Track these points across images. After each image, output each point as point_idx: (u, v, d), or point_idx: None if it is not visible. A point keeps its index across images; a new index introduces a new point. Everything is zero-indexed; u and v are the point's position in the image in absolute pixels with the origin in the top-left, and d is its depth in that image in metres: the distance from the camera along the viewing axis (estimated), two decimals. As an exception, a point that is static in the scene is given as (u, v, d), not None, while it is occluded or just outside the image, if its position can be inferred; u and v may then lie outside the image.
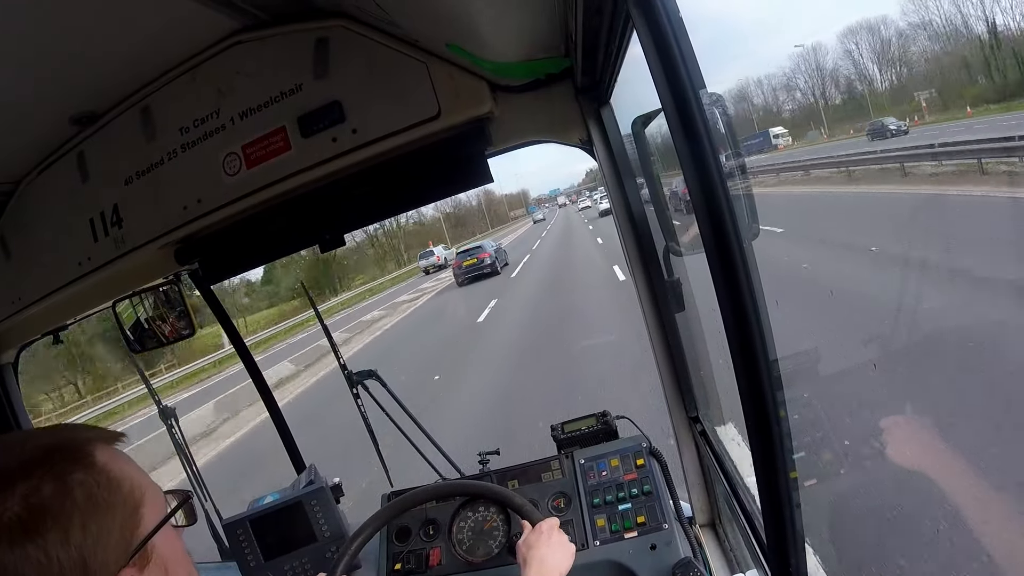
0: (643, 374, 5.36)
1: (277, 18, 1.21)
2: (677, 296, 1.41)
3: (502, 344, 9.92)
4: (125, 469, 0.61)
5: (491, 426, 5.86)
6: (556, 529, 1.14)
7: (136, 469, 0.63)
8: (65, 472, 0.56)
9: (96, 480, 0.57)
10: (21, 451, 0.57)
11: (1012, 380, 2.80)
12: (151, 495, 0.63)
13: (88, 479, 0.57)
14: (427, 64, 1.19)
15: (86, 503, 0.56)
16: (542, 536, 1.11)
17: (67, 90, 1.20)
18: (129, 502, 0.59)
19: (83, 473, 0.57)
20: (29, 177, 1.46)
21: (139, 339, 1.76)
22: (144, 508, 0.61)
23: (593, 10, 0.91)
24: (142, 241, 1.37)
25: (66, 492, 0.55)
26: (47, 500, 0.54)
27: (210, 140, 1.29)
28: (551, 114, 1.34)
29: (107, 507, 0.57)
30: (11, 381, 1.84)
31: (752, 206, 0.90)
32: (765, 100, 63.70)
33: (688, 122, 0.59)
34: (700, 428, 1.45)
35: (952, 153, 10.30)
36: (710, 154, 0.59)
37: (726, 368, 0.68)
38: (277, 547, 1.52)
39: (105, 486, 0.58)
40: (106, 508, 0.57)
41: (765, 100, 63.70)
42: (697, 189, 0.60)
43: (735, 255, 0.59)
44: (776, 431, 0.64)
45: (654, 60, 0.61)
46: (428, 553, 1.41)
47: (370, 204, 1.38)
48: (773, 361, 0.62)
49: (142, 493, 0.61)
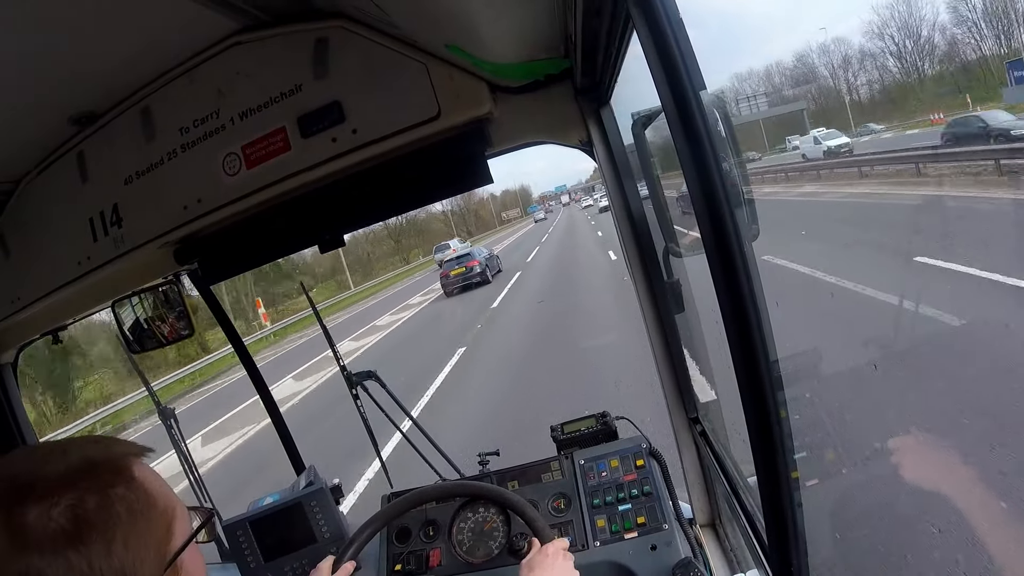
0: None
1: (277, 18, 1.21)
2: (677, 297, 1.41)
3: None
4: (159, 486, 0.63)
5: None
6: (562, 553, 1.11)
7: (166, 485, 0.65)
8: (108, 485, 0.58)
9: (136, 495, 0.59)
10: (64, 462, 0.58)
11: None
12: (180, 512, 0.65)
13: (129, 495, 0.59)
14: (427, 65, 1.19)
15: (127, 517, 0.58)
16: (546, 559, 1.08)
17: (67, 90, 1.20)
18: (164, 518, 0.62)
19: (124, 488, 0.59)
20: (29, 177, 1.46)
21: (138, 339, 1.76)
22: (175, 524, 0.63)
23: (593, 11, 0.91)
24: (142, 241, 1.37)
25: (109, 505, 0.57)
26: (91, 512, 0.56)
27: (210, 140, 1.29)
28: (551, 115, 1.34)
29: (145, 522, 0.59)
30: (10, 381, 1.84)
31: (752, 207, 0.90)
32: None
33: (688, 123, 0.59)
34: (700, 428, 1.45)
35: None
36: (710, 155, 0.59)
37: (726, 369, 0.68)
38: (277, 548, 1.52)
39: (144, 501, 0.60)
40: (145, 523, 0.59)
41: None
42: (697, 190, 0.60)
43: (735, 256, 0.59)
44: (777, 431, 0.64)
45: (654, 61, 0.61)
46: (428, 554, 1.41)
47: (370, 205, 1.38)
48: (774, 362, 0.62)
49: (174, 509, 0.64)
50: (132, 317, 1.74)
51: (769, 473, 0.68)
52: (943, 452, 1.07)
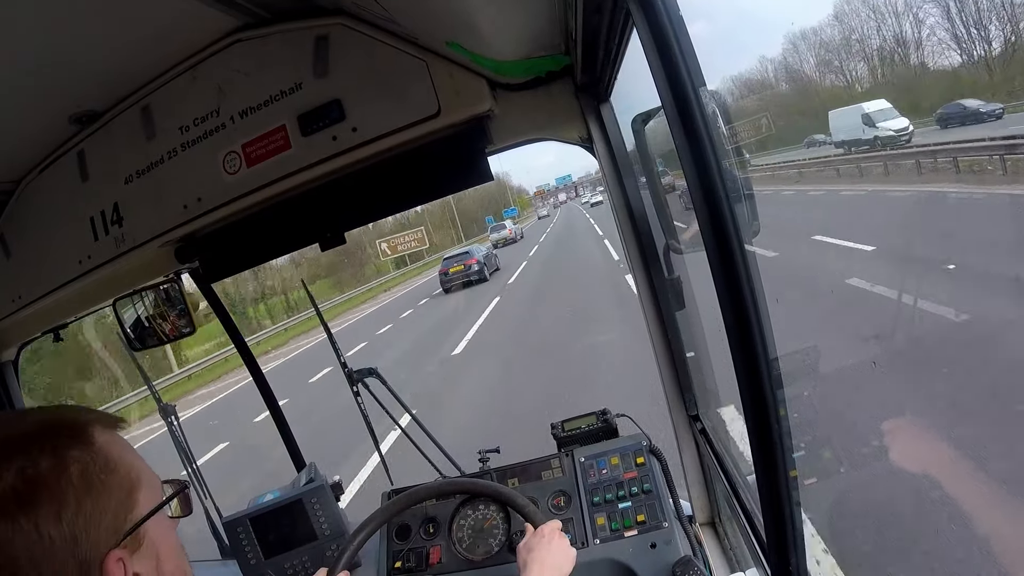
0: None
1: (277, 16, 1.21)
2: (677, 294, 1.41)
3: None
4: (123, 453, 0.61)
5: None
6: (558, 532, 1.13)
7: (134, 455, 0.63)
8: (63, 448, 0.56)
9: (93, 459, 0.58)
10: (21, 425, 0.58)
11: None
12: (147, 481, 0.63)
13: (85, 457, 0.57)
14: (427, 62, 1.19)
15: (81, 481, 0.56)
16: (543, 539, 1.10)
17: (67, 89, 1.20)
18: (124, 485, 0.60)
19: (80, 451, 0.57)
20: (30, 176, 1.46)
21: (139, 337, 1.76)
22: (139, 493, 0.61)
23: (593, 8, 0.91)
24: (142, 240, 1.37)
25: (62, 468, 0.55)
26: (43, 474, 0.54)
27: (210, 139, 1.29)
28: (551, 112, 1.34)
29: (102, 487, 0.57)
30: (11, 378, 1.84)
31: (752, 204, 0.90)
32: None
33: (688, 120, 0.59)
34: (700, 426, 1.45)
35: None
36: (710, 152, 0.59)
37: (727, 366, 0.68)
38: (277, 545, 1.52)
39: (102, 467, 0.58)
40: (101, 488, 0.57)
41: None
42: (697, 187, 0.60)
43: (735, 253, 0.59)
44: (776, 429, 0.64)
45: (654, 58, 0.61)
46: (428, 551, 1.41)
47: (370, 202, 1.38)
48: (773, 359, 0.62)
49: (138, 478, 0.62)
50: (133, 315, 1.74)
51: (768, 472, 0.68)
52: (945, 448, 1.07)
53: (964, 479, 1.04)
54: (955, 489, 1.03)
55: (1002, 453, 2.11)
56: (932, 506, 1.89)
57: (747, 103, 34.95)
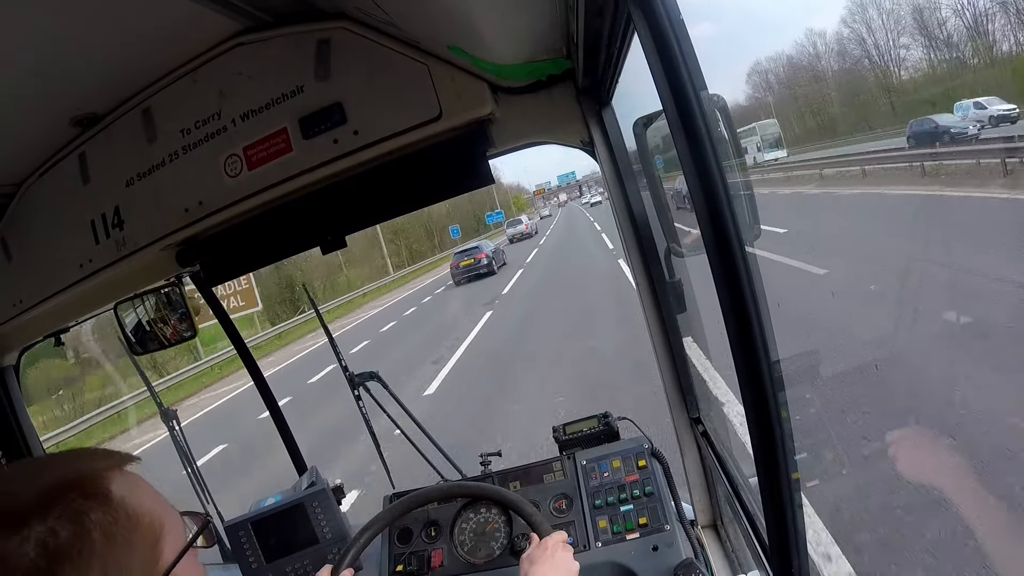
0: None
1: (279, 19, 1.21)
2: (678, 297, 1.41)
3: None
4: (143, 501, 0.59)
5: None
6: (562, 545, 1.11)
7: (153, 497, 0.61)
8: (82, 511, 0.54)
9: (115, 518, 0.55)
10: (34, 485, 0.55)
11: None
12: (170, 525, 0.61)
13: (106, 518, 0.55)
14: (428, 66, 1.19)
15: (104, 544, 0.54)
16: (546, 552, 1.09)
17: (68, 92, 1.20)
18: (149, 538, 0.58)
19: (101, 512, 0.55)
20: (30, 179, 1.46)
21: (140, 341, 1.76)
22: (164, 541, 0.59)
23: (594, 12, 0.92)
24: (143, 243, 1.37)
25: (84, 534, 0.53)
26: (64, 545, 0.52)
27: (211, 142, 1.29)
28: (552, 115, 1.34)
29: (126, 545, 0.55)
30: (12, 383, 1.84)
31: (753, 207, 0.90)
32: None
33: (689, 123, 0.59)
34: (702, 429, 1.45)
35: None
36: (711, 155, 0.59)
37: (728, 369, 0.68)
38: (279, 549, 1.52)
39: (124, 523, 0.56)
40: (125, 546, 0.55)
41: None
42: (698, 190, 0.60)
43: (736, 256, 0.59)
44: (778, 432, 0.64)
45: (655, 61, 0.61)
46: (430, 555, 1.41)
47: (371, 205, 1.38)
48: (775, 362, 0.62)
49: (161, 526, 0.60)
50: (135, 319, 1.74)
51: (770, 474, 0.68)
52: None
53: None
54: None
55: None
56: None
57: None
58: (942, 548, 2.23)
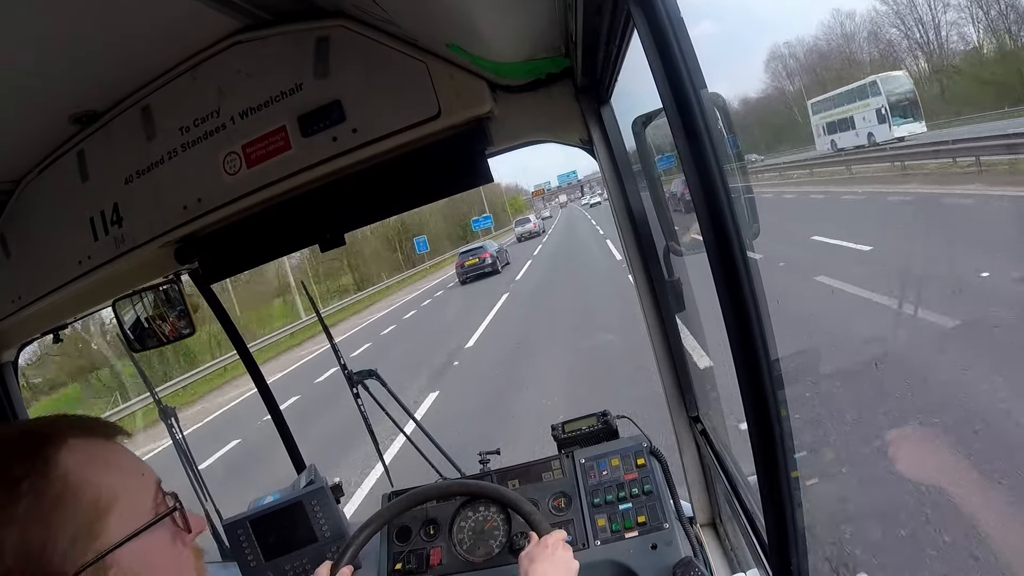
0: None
1: (278, 17, 1.21)
2: (677, 296, 1.41)
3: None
4: (92, 475, 0.56)
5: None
6: (561, 544, 1.12)
7: (110, 473, 0.57)
8: (17, 477, 0.52)
9: (46, 487, 0.53)
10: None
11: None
12: (127, 504, 0.57)
13: (36, 487, 0.53)
14: (427, 64, 1.19)
15: (29, 512, 0.52)
16: (546, 550, 1.09)
17: (67, 89, 1.20)
18: (88, 514, 0.54)
19: (33, 479, 0.53)
20: (29, 176, 1.46)
21: (139, 338, 1.76)
22: (109, 518, 0.55)
23: (593, 10, 0.91)
24: (142, 240, 1.37)
25: (12, 500, 0.51)
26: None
27: (210, 139, 1.29)
28: (551, 114, 1.34)
29: (55, 517, 0.53)
30: (11, 379, 1.84)
31: (753, 206, 0.90)
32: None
33: (689, 122, 0.59)
34: (700, 427, 1.45)
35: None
36: (711, 154, 0.59)
37: (727, 367, 0.68)
38: (277, 547, 1.52)
39: (56, 494, 0.53)
40: (53, 518, 0.53)
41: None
42: (698, 189, 0.60)
43: (736, 255, 0.59)
44: (777, 430, 0.64)
45: (654, 60, 0.61)
46: (429, 553, 1.41)
47: (370, 204, 1.38)
48: (774, 360, 0.62)
49: (110, 503, 0.56)
50: (133, 316, 1.74)
51: (769, 472, 0.68)
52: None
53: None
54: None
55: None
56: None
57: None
58: (943, 548, 2.23)
